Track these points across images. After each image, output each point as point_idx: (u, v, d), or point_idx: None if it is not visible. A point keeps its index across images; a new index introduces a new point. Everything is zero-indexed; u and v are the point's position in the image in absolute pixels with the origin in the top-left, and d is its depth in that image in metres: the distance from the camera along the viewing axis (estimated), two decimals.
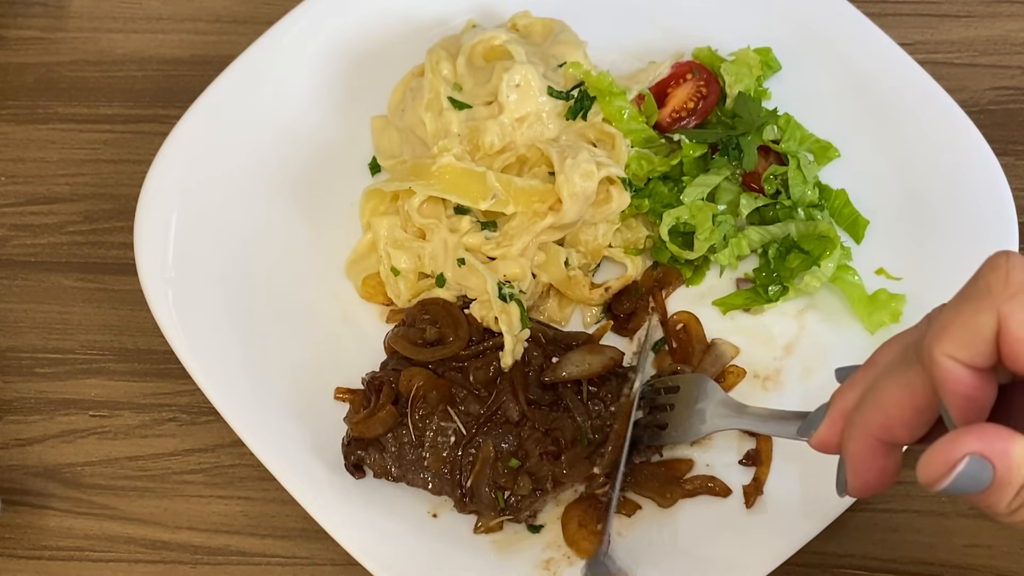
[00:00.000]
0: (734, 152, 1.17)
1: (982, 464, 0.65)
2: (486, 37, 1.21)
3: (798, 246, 1.14)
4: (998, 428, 0.66)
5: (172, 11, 1.42)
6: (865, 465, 0.75)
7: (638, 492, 1.07)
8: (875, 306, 1.12)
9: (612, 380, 1.08)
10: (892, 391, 0.72)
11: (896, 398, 0.72)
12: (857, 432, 0.74)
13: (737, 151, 1.17)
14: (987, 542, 1.08)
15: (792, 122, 1.21)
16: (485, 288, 1.11)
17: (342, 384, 1.13)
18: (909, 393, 0.71)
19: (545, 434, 1.06)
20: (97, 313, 1.24)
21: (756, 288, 1.15)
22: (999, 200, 1.14)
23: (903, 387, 0.71)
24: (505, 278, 1.12)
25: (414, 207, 1.14)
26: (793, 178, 1.16)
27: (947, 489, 0.66)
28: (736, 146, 1.17)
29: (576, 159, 1.12)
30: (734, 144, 1.17)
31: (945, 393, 0.68)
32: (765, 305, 1.15)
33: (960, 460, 0.65)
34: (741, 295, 1.16)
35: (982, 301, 0.67)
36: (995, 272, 0.68)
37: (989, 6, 1.35)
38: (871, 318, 1.12)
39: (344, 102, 1.28)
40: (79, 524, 1.14)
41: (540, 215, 1.13)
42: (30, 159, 1.34)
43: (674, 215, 1.15)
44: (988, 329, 0.67)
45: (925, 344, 0.69)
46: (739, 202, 1.17)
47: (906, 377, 0.71)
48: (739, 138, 1.17)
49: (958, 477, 0.65)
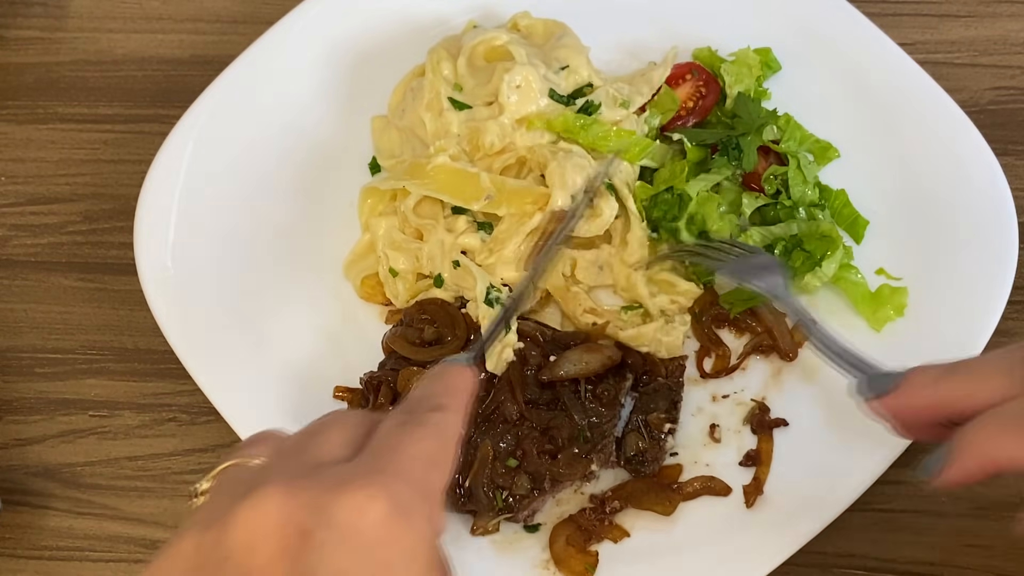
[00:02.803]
0: (734, 152, 1.17)
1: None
2: (487, 38, 1.21)
3: (800, 246, 1.14)
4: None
5: (172, 11, 1.42)
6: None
7: (638, 508, 1.06)
8: (879, 303, 1.12)
9: (610, 379, 1.08)
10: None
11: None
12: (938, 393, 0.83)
13: (737, 151, 1.17)
14: (987, 542, 1.08)
15: (792, 122, 1.21)
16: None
17: (341, 383, 1.13)
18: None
19: (543, 433, 1.06)
20: (97, 313, 1.24)
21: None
22: (999, 200, 1.14)
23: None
24: (502, 281, 1.12)
25: (410, 207, 1.14)
26: (793, 178, 1.17)
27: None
28: (736, 146, 1.17)
29: (568, 154, 1.13)
30: (734, 144, 1.17)
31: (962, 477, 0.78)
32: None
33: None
34: (743, 291, 1.15)
35: None
36: None
37: (989, 6, 1.35)
38: (876, 315, 1.11)
39: (344, 102, 1.28)
40: (79, 524, 1.14)
41: (529, 215, 1.13)
42: (30, 159, 1.34)
43: (690, 208, 1.15)
44: None
45: (992, 437, 0.77)
46: (741, 201, 1.17)
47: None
48: (739, 138, 1.17)
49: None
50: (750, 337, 1.14)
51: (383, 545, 0.62)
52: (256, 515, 0.62)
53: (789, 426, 1.09)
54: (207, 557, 0.63)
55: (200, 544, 0.64)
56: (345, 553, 0.61)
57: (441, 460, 0.69)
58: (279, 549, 0.61)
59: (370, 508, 0.62)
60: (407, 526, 0.63)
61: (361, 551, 0.61)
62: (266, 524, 0.62)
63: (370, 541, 0.62)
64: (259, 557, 0.61)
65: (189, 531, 0.65)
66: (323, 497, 0.63)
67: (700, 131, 1.20)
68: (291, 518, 0.62)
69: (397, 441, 0.68)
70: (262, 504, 0.63)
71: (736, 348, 1.14)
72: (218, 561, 0.62)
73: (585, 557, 1.04)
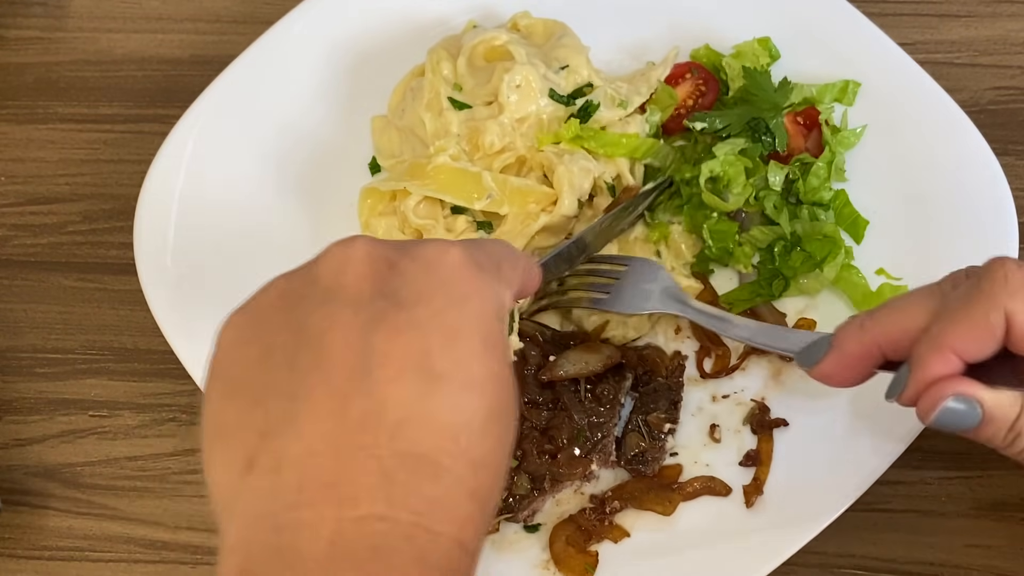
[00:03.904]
0: (766, 138, 1.16)
1: (970, 403, 0.79)
2: (487, 37, 1.21)
3: (800, 245, 1.14)
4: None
5: (172, 11, 1.42)
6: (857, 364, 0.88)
7: (638, 508, 1.06)
8: (878, 301, 1.12)
9: (610, 379, 1.08)
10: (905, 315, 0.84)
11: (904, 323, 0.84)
12: (867, 336, 0.86)
13: (769, 135, 1.16)
14: (987, 542, 1.08)
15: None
16: None
17: None
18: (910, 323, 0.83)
19: (543, 433, 1.06)
20: (97, 313, 1.24)
21: (759, 282, 1.15)
22: (999, 200, 1.14)
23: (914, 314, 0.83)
24: None
25: (410, 207, 1.14)
26: (816, 171, 1.16)
27: (938, 421, 0.80)
28: (767, 130, 1.16)
29: (573, 156, 1.13)
30: (764, 129, 1.16)
31: (926, 379, 0.80)
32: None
33: (946, 397, 0.79)
34: (746, 288, 1.15)
35: (989, 301, 0.78)
36: (995, 275, 0.79)
37: (989, 6, 1.35)
38: None
39: (344, 102, 1.28)
40: (79, 524, 1.14)
41: (533, 216, 1.13)
42: (30, 159, 1.34)
43: (708, 167, 1.15)
44: (998, 326, 0.77)
45: (934, 334, 0.80)
46: (766, 174, 1.16)
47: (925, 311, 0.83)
48: (767, 119, 1.16)
49: (946, 412, 0.79)
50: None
51: (463, 281, 0.67)
52: (345, 249, 0.67)
53: (789, 426, 1.09)
54: (295, 284, 0.68)
55: (289, 278, 0.69)
56: (427, 279, 0.66)
57: (514, 261, 0.75)
58: (366, 272, 0.66)
59: (450, 251, 0.68)
60: (482, 277, 0.68)
61: (443, 282, 0.66)
62: (355, 254, 0.67)
63: (451, 276, 0.67)
64: (347, 276, 0.65)
65: (278, 276, 0.70)
66: (407, 243, 0.69)
67: (721, 113, 1.18)
68: (378, 252, 0.67)
69: (476, 240, 0.76)
70: (352, 242, 0.68)
71: (736, 348, 1.14)
72: (306, 284, 0.67)
73: (585, 557, 1.04)
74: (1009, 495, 1.10)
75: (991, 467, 1.10)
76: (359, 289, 0.65)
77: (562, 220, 1.14)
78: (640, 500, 1.06)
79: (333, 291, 0.65)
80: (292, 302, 0.66)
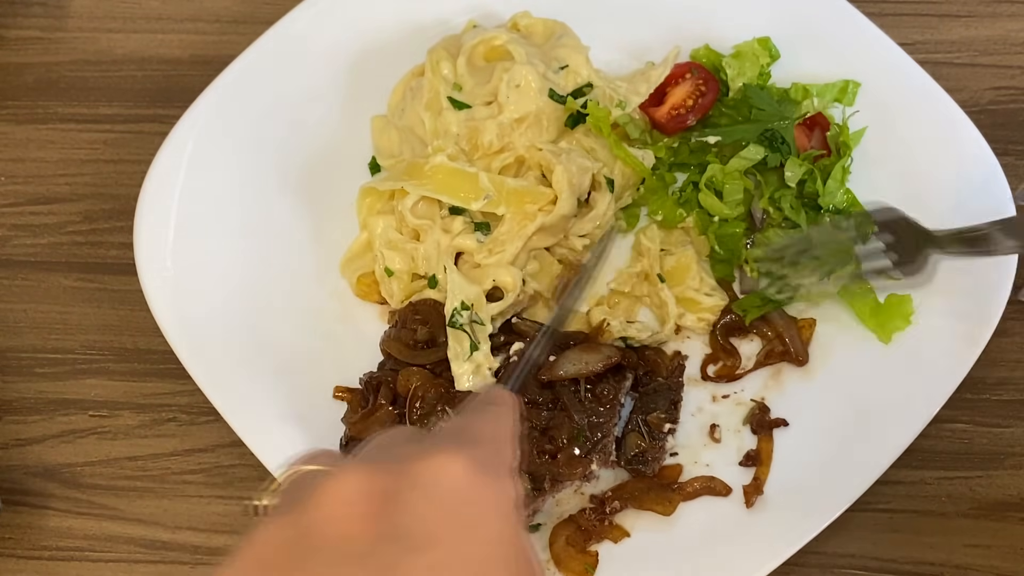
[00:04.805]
0: (784, 147, 1.16)
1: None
2: (487, 37, 1.21)
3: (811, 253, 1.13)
4: None
5: (172, 11, 1.42)
6: None
7: (638, 508, 1.06)
8: (887, 315, 1.11)
9: (609, 378, 1.08)
10: None
11: None
12: None
13: (785, 145, 1.16)
14: (987, 542, 1.08)
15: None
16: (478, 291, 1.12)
17: (341, 383, 1.13)
18: None
19: (543, 433, 1.06)
20: (97, 313, 1.24)
21: (767, 288, 1.14)
22: (999, 200, 1.14)
23: None
24: (494, 283, 1.12)
25: (407, 207, 1.14)
26: (835, 175, 1.16)
27: None
28: (782, 141, 1.17)
29: (571, 154, 1.14)
30: (780, 140, 1.17)
31: None
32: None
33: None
34: (755, 297, 1.15)
35: None
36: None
37: (989, 6, 1.35)
38: (884, 328, 1.11)
39: (344, 102, 1.28)
40: (79, 524, 1.14)
41: (531, 216, 1.13)
42: (30, 159, 1.34)
43: (708, 173, 1.15)
44: None
45: None
46: (784, 171, 1.16)
47: None
48: (780, 130, 1.17)
49: None
50: (761, 343, 1.14)
51: (469, 502, 0.61)
52: (339, 487, 0.60)
53: (789, 426, 1.09)
54: (289, 535, 0.60)
55: (281, 526, 0.60)
56: (435, 512, 0.60)
57: (506, 437, 0.69)
58: (364, 512, 0.59)
59: (451, 466, 0.61)
60: (488, 483, 0.62)
61: (449, 507, 0.60)
62: (350, 494, 0.60)
63: (456, 497, 0.61)
64: (345, 524, 0.59)
65: (266, 522, 0.62)
66: (403, 465, 0.62)
67: (732, 129, 1.19)
68: (374, 485, 0.60)
69: (463, 422, 0.69)
70: (344, 478, 0.61)
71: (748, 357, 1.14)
72: (301, 535, 0.59)
73: (585, 557, 1.04)
74: (1009, 495, 1.10)
75: (991, 467, 1.11)
76: (362, 535, 0.59)
77: (560, 220, 1.14)
78: (640, 500, 1.06)
79: (334, 544, 0.58)
80: (291, 561, 0.59)
